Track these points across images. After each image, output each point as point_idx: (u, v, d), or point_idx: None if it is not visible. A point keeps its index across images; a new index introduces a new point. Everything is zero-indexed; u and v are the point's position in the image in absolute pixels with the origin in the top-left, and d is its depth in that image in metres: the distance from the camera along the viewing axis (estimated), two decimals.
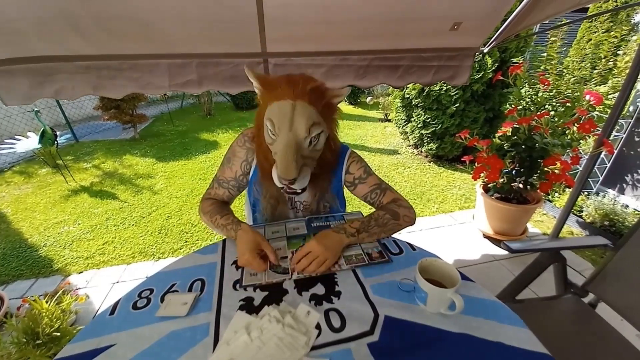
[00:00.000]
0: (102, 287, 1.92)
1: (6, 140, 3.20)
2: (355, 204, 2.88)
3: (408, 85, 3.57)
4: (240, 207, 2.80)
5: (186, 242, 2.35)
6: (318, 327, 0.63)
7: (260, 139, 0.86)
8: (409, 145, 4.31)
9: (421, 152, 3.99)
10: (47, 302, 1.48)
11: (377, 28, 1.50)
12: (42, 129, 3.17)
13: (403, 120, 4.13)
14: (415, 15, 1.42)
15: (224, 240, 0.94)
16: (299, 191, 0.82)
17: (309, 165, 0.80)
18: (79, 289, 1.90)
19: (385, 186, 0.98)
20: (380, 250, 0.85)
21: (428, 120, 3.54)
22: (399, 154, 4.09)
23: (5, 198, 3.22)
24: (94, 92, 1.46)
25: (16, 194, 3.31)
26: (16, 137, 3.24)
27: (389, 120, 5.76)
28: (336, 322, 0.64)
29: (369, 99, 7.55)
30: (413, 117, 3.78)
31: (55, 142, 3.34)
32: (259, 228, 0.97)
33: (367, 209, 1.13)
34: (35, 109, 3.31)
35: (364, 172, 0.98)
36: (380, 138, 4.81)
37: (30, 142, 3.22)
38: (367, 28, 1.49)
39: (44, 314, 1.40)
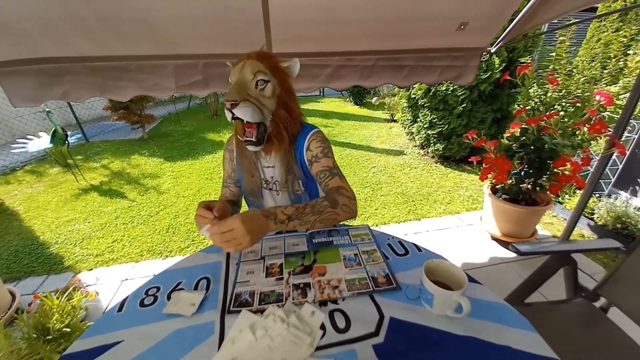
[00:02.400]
0: (111, 284, 1.95)
1: (18, 140, 3.27)
2: (362, 219, 2.87)
3: (414, 86, 3.56)
4: None
5: (193, 240, 2.37)
6: (323, 327, 0.63)
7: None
8: (415, 146, 4.28)
9: (427, 152, 3.96)
10: (57, 298, 1.51)
11: (382, 28, 1.49)
12: (53, 128, 3.23)
13: (409, 121, 4.11)
14: (421, 15, 1.42)
15: None
16: (254, 139, 0.90)
17: (253, 104, 0.87)
18: (89, 285, 1.93)
19: (336, 172, 0.98)
20: (388, 274, 0.78)
21: (434, 120, 3.51)
22: (405, 154, 4.06)
23: (17, 196, 3.29)
24: (101, 95, 1.48)
25: (28, 192, 3.38)
26: (28, 136, 3.32)
27: (395, 121, 5.73)
28: (341, 323, 0.64)
29: (374, 99, 7.53)
30: (419, 118, 3.76)
31: (66, 142, 3.41)
32: (257, 243, 0.93)
33: (368, 221, 1.12)
34: (47, 109, 3.38)
35: (320, 152, 0.99)
36: (386, 138, 4.78)
37: (41, 142, 3.28)
38: (373, 28, 1.48)
39: (54, 310, 1.42)
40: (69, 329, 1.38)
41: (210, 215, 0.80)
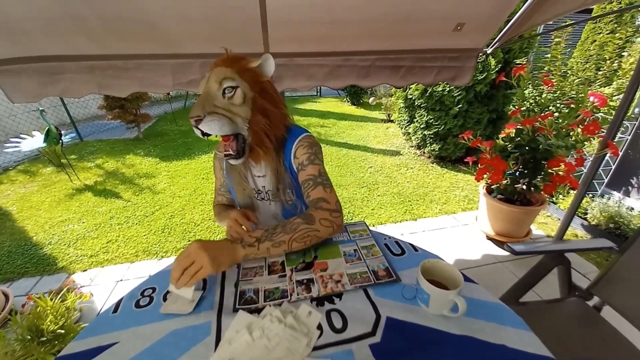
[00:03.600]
0: (105, 285, 1.93)
1: (11, 139, 3.23)
2: (359, 219, 2.88)
3: (411, 86, 3.57)
4: None
5: (189, 241, 2.36)
6: (320, 327, 0.63)
7: None
8: (412, 146, 4.30)
9: (424, 153, 3.98)
10: (51, 299, 1.49)
11: (380, 28, 1.50)
12: (47, 128, 3.19)
13: (406, 121, 4.12)
14: (419, 16, 1.42)
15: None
16: (233, 152, 0.85)
17: (221, 115, 0.81)
18: (83, 286, 1.91)
19: (320, 180, 0.88)
20: (387, 267, 0.80)
21: (431, 121, 3.53)
22: (401, 154, 4.08)
23: (10, 196, 3.25)
24: (99, 91, 1.47)
25: (21, 192, 3.34)
26: (21, 135, 3.27)
27: (392, 121, 5.75)
28: (338, 323, 0.64)
29: (371, 99, 7.55)
30: (416, 118, 3.77)
31: (60, 141, 3.37)
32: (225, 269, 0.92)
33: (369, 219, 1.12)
34: (41, 108, 3.33)
35: (306, 159, 0.90)
36: (383, 139, 4.80)
37: (35, 141, 3.24)
38: (370, 28, 1.49)
39: (48, 311, 1.41)
40: (63, 331, 1.36)
41: (249, 225, 0.84)
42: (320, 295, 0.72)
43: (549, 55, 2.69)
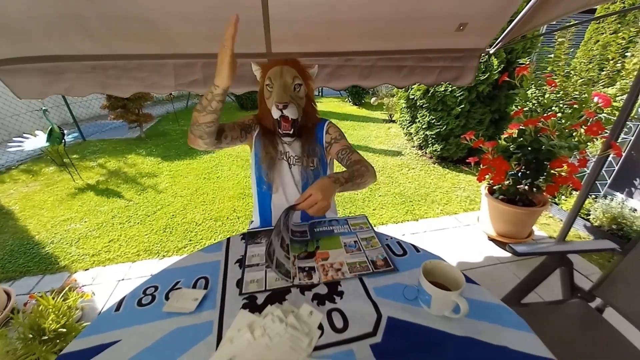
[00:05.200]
0: (107, 284, 1.94)
1: (14, 139, 3.24)
2: (357, 210, 2.88)
3: (413, 86, 3.57)
4: (249, 206, 2.81)
5: (190, 240, 2.37)
6: (321, 327, 0.63)
7: (262, 104, 1.14)
8: (413, 147, 4.29)
9: (425, 153, 3.97)
10: (53, 298, 1.50)
11: (382, 28, 1.49)
12: (50, 127, 3.21)
13: (407, 121, 4.12)
14: (421, 15, 1.42)
15: (227, 239, 0.95)
16: (291, 131, 1.09)
17: (294, 104, 1.06)
18: (85, 285, 1.92)
19: (353, 149, 1.15)
20: (386, 257, 0.84)
21: (433, 121, 3.52)
22: (403, 155, 4.07)
23: (13, 195, 3.27)
24: (102, 91, 1.48)
25: (24, 191, 3.36)
26: (24, 135, 3.29)
27: (393, 121, 5.74)
28: (339, 323, 0.64)
29: (373, 99, 7.54)
30: (418, 118, 3.76)
31: (63, 141, 3.38)
32: (263, 231, 1.00)
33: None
34: (44, 108, 3.35)
35: (339, 135, 1.19)
36: (385, 139, 4.79)
37: (38, 141, 3.26)
38: (372, 29, 1.48)
39: (50, 310, 1.41)
40: (64, 330, 1.37)
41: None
42: (321, 281, 0.75)
43: (552, 56, 2.68)
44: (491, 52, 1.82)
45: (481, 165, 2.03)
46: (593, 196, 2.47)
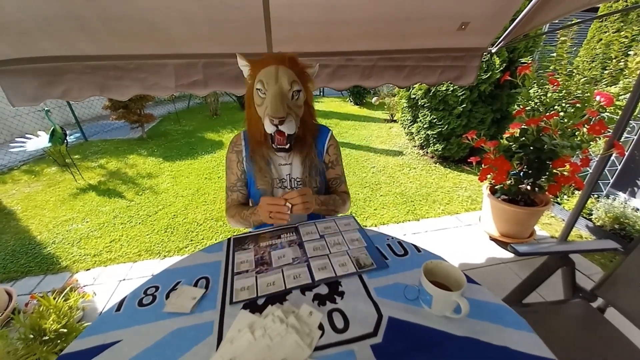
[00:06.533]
0: (108, 284, 1.94)
1: (17, 139, 3.26)
2: (361, 219, 2.88)
3: (414, 86, 3.56)
4: None
5: (191, 240, 2.37)
6: (321, 327, 0.63)
7: (250, 113, 0.98)
8: (415, 146, 4.28)
9: (427, 153, 3.96)
10: (54, 298, 1.50)
11: (383, 28, 1.49)
12: (52, 127, 3.22)
13: (409, 121, 4.11)
14: (422, 15, 1.41)
15: (228, 239, 0.94)
16: (287, 146, 0.94)
17: (292, 116, 0.92)
18: (86, 286, 1.92)
19: (343, 179, 1.16)
20: (369, 256, 0.84)
21: (434, 120, 3.51)
22: (404, 154, 4.06)
23: (15, 196, 3.28)
24: (101, 94, 1.47)
25: (26, 191, 3.37)
26: (26, 135, 3.30)
27: (395, 121, 5.74)
28: (339, 323, 0.64)
29: (374, 99, 7.53)
30: (419, 118, 3.76)
31: (65, 141, 3.40)
32: (250, 236, 0.96)
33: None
34: (46, 108, 3.36)
35: (336, 160, 1.13)
36: (386, 139, 4.78)
37: (40, 141, 3.27)
38: (373, 28, 1.48)
39: (51, 310, 1.42)
40: (65, 330, 1.37)
41: (282, 202, 0.88)
42: (316, 282, 0.75)
43: (554, 54, 2.67)
44: (493, 51, 1.82)
45: (483, 165, 2.02)
46: (595, 196, 2.45)
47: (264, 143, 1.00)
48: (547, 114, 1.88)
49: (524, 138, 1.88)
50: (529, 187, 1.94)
